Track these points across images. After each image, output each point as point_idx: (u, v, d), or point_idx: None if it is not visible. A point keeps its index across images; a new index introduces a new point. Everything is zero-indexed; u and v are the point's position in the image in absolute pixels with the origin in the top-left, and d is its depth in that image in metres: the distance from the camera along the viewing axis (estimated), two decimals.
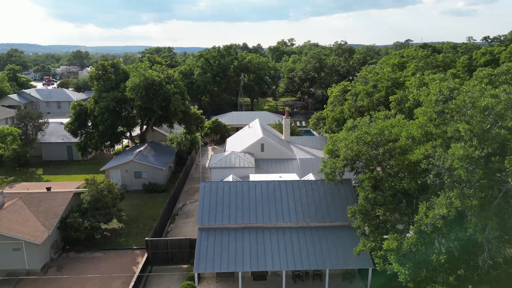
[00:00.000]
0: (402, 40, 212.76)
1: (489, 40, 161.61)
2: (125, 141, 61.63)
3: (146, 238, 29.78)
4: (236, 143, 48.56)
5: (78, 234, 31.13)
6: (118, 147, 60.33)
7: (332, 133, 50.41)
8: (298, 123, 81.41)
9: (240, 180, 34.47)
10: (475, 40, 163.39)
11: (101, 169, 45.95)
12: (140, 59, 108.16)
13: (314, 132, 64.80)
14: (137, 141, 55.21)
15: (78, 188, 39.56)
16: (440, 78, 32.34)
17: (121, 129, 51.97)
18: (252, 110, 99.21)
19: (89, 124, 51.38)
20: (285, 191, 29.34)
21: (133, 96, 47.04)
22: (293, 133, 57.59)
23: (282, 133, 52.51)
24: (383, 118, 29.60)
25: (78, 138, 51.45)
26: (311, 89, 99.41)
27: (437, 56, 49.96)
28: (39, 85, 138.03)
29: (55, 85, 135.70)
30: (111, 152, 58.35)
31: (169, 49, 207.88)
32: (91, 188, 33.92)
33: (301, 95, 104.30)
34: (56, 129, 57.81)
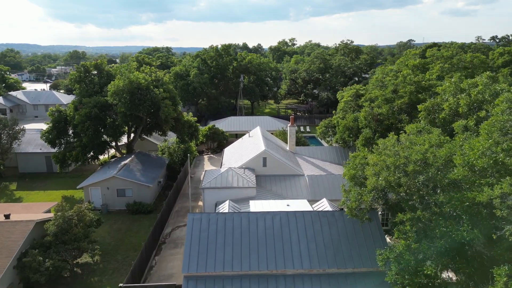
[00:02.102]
0: (404, 40, 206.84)
1: (497, 40, 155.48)
2: (112, 151, 55.61)
3: (120, 285, 23.81)
4: (234, 156, 42.57)
5: (38, 276, 25.14)
6: (104, 156, 54.44)
7: (343, 143, 44.50)
8: (302, 128, 75.31)
9: (238, 208, 28.48)
10: (484, 39, 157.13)
11: (79, 186, 39.95)
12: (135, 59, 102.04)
13: (322, 141, 58.53)
14: (123, 151, 49.25)
15: (49, 211, 33.69)
16: (483, 83, 26.44)
17: (106, 138, 46.06)
18: (252, 113, 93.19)
19: (70, 132, 45.45)
20: (295, 226, 23.32)
21: (116, 102, 41.14)
22: (298, 142, 51.59)
23: (286, 142, 46.57)
24: (415, 133, 23.73)
25: (56, 148, 45.56)
26: (315, 91, 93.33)
27: (463, 57, 43.93)
28: (34, 86, 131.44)
29: (47, 86, 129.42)
30: (97, 163, 52.38)
31: (167, 49, 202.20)
32: (57, 216, 27.96)
33: (304, 97, 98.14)
34: (34, 138, 51.78)
